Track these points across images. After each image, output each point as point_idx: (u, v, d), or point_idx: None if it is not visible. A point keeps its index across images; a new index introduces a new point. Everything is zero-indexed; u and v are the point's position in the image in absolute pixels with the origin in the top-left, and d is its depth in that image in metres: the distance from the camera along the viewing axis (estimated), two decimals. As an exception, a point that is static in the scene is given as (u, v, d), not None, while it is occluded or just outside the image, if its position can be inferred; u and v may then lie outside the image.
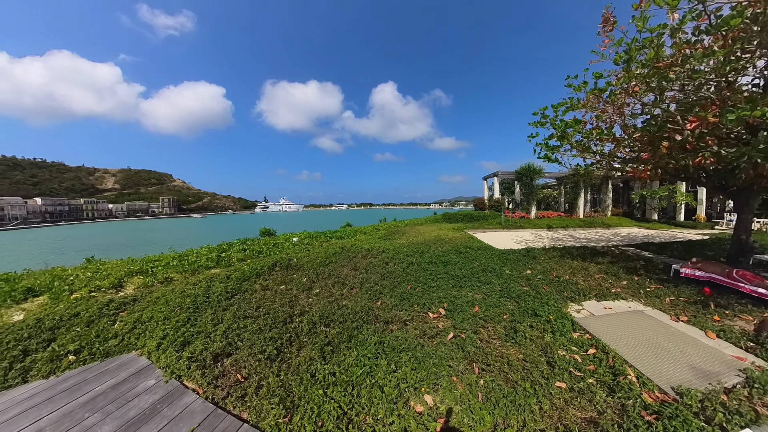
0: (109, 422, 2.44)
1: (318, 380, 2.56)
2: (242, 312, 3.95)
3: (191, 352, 3.11)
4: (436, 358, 2.82)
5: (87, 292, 4.81)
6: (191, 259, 6.66)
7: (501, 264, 6.12)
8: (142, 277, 5.51)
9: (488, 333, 3.36)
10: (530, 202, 18.15)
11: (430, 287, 4.76)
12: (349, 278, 5.19)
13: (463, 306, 4.01)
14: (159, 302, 4.35)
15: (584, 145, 5.82)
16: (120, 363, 3.30)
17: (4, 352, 3.35)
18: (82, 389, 2.91)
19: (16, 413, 2.66)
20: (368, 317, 3.74)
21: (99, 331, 3.77)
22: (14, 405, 2.77)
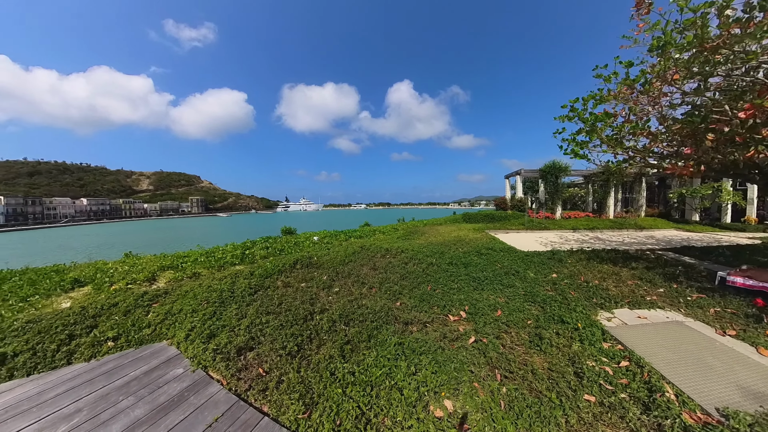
0: (141, 406, 2.60)
1: (337, 379, 2.58)
2: (265, 308, 4.06)
3: (216, 345, 3.24)
4: (457, 362, 2.76)
5: (124, 285, 5.15)
6: (217, 255, 6.94)
7: (525, 267, 5.90)
8: (173, 272, 5.81)
9: (511, 339, 3.24)
10: (555, 201, 17.23)
11: (451, 289, 4.67)
12: (369, 278, 5.20)
13: (484, 309, 3.90)
14: (188, 296, 4.57)
15: (615, 140, 5.42)
16: (152, 351, 3.51)
17: (53, 336, 3.66)
18: (118, 373, 3.12)
19: (60, 392, 2.90)
20: (388, 317, 3.73)
21: (134, 321, 4.03)
22: (59, 384, 3.02)
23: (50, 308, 4.40)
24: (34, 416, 2.58)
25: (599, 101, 5.11)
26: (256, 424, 2.27)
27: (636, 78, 4.65)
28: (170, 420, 2.40)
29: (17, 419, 2.55)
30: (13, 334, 3.67)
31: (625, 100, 5.17)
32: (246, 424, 2.28)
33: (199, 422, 2.34)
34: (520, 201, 19.22)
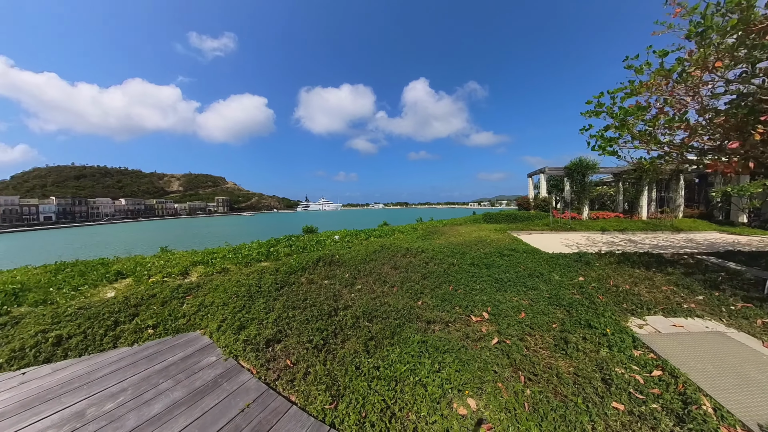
0: (179, 389, 2.79)
1: (362, 372, 2.65)
2: (291, 303, 4.23)
3: (246, 336, 3.42)
4: (481, 362, 2.76)
5: (161, 278, 5.51)
6: (244, 252, 7.26)
7: (549, 269, 5.74)
8: (204, 267, 6.14)
9: (535, 341, 3.19)
10: (582, 201, 16.24)
11: (473, 290, 4.64)
12: (390, 276, 5.27)
13: (507, 311, 3.85)
14: (218, 289, 4.83)
15: (649, 135, 5.06)
16: (187, 339, 3.75)
17: (101, 321, 4.00)
18: (158, 358, 3.37)
19: (108, 372, 3.18)
20: (410, 316, 3.77)
21: (171, 311, 4.31)
22: (106, 365, 3.31)
23: (97, 297, 4.80)
24: (85, 393, 2.84)
25: (630, 94, 4.80)
26: (285, 412, 2.39)
27: (672, 68, 4.33)
28: (206, 403, 2.57)
29: (71, 394, 2.83)
30: (67, 319, 4.05)
31: (660, 91, 4.81)
32: (276, 411, 2.40)
33: (233, 407, 2.49)
34: (544, 200, 18.35)
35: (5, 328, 3.90)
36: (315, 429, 2.20)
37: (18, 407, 2.69)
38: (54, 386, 2.98)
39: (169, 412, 2.50)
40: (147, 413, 2.49)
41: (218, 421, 2.34)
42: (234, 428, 2.26)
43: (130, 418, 2.46)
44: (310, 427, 2.22)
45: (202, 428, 2.29)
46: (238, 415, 2.39)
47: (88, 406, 2.64)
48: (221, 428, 2.28)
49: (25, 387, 3.00)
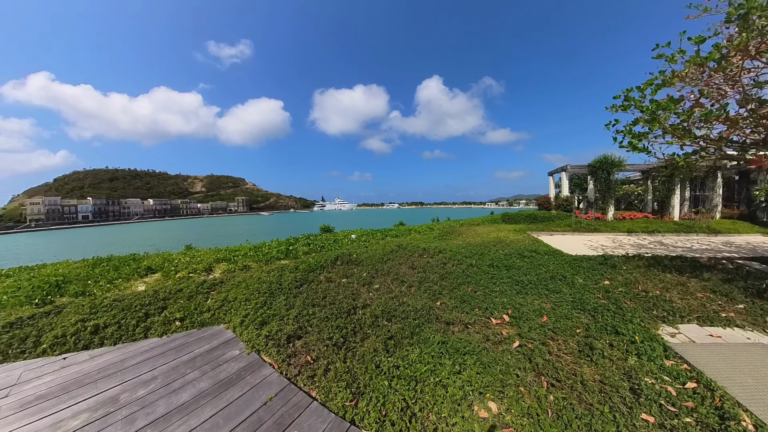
0: (205, 380, 2.90)
1: (382, 371, 2.66)
2: (310, 300, 4.30)
3: (268, 331, 3.51)
4: (502, 365, 2.70)
5: (187, 273, 5.76)
6: (264, 250, 7.46)
7: (572, 272, 5.54)
8: (227, 264, 6.36)
9: (558, 346, 3.09)
10: (607, 200, 15.33)
11: (492, 291, 4.55)
12: (407, 276, 5.26)
13: (529, 314, 3.75)
14: (241, 286, 4.99)
15: (683, 129, 4.70)
16: (212, 333, 3.90)
17: (133, 313, 4.23)
18: (185, 349, 3.51)
19: (139, 360, 3.35)
20: (429, 316, 3.75)
21: (196, 305, 4.50)
22: (138, 354, 3.49)
23: (130, 290, 5.08)
24: (119, 379, 3.01)
25: (661, 85, 4.47)
26: (306, 407, 2.43)
27: (710, 55, 3.94)
28: (230, 395, 2.66)
29: (106, 380, 3.01)
30: (103, 309, 4.31)
31: (695, 81, 4.46)
32: (297, 406, 2.45)
33: (255, 399, 2.56)
34: (566, 200, 17.60)
35: (49, 316, 4.20)
36: (336, 425, 2.23)
37: (59, 390, 2.89)
38: (91, 371, 3.18)
39: (196, 401, 2.60)
40: (176, 401, 2.61)
41: (242, 413, 2.42)
42: (257, 420, 2.33)
43: (160, 405, 2.58)
44: (331, 423, 2.25)
45: (227, 418, 2.37)
46: (260, 408, 2.46)
47: (121, 392, 2.80)
48: (245, 419, 2.35)
49: (65, 371, 3.22)
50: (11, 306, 4.52)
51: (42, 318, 4.14)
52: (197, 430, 2.28)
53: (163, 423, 2.37)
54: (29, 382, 3.07)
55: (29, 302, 4.59)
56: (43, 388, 2.94)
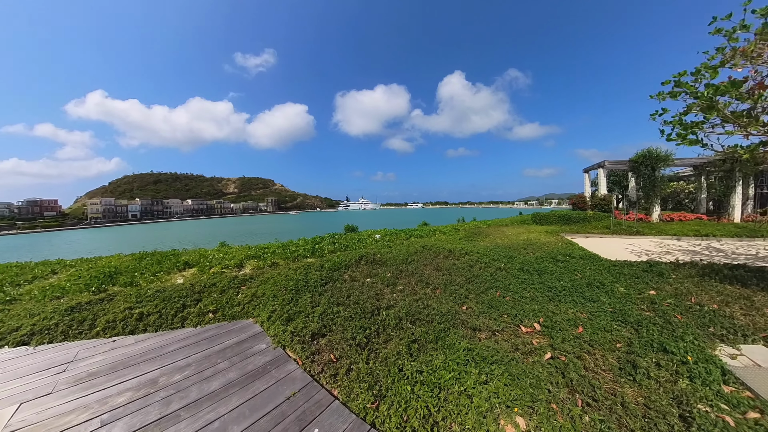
0: (234, 370, 3.02)
1: (405, 375, 2.61)
2: (335, 299, 4.35)
3: (294, 328, 3.59)
4: (533, 377, 2.54)
5: (220, 269, 6.08)
6: (291, 248, 7.69)
7: (612, 279, 5.12)
8: (256, 261, 6.62)
9: (595, 361, 2.84)
10: (652, 199, 13.80)
11: (522, 297, 4.32)
12: (432, 278, 5.15)
13: (562, 324, 3.51)
14: (269, 282, 5.17)
15: (748, 116, 4.04)
16: (241, 326, 4.07)
17: (173, 303, 4.53)
18: (217, 340, 3.70)
19: (176, 348, 3.58)
20: (455, 321, 3.64)
21: (228, 299, 4.72)
22: (175, 341, 3.73)
23: (170, 282, 5.45)
24: (158, 363, 3.24)
25: (720, 65, 3.90)
26: (328, 405, 2.45)
27: None
28: (256, 387, 2.75)
29: (148, 363, 3.26)
30: (147, 299, 4.67)
31: (762, 59, 3.82)
32: (319, 404, 2.47)
33: (279, 393, 2.63)
34: (604, 199, 16.11)
35: (103, 302, 4.62)
36: (356, 426, 2.22)
37: (108, 369, 3.19)
38: (135, 354, 3.47)
39: (225, 390, 2.73)
40: (207, 388, 2.76)
41: (266, 405, 2.49)
42: (280, 414, 2.38)
43: (193, 391, 2.74)
44: (352, 423, 2.25)
45: (253, 409, 2.45)
46: (284, 402, 2.51)
47: (160, 375, 3.02)
48: (269, 412, 2.41)
49: (114, 352, 3.54)
50: (73, 292, 5.05)
51: (97, 304, 4.57)
52: (225, 417, 2.39)
53: (195, 408, 2.52)
54: (84, 360, 3.42)
55: (87, 289, 5.09)
56: (95, 366, 3.26)
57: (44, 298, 4.88)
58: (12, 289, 5.39)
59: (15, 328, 4.05)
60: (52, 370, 3.25)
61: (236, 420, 2.35)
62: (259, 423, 2.31)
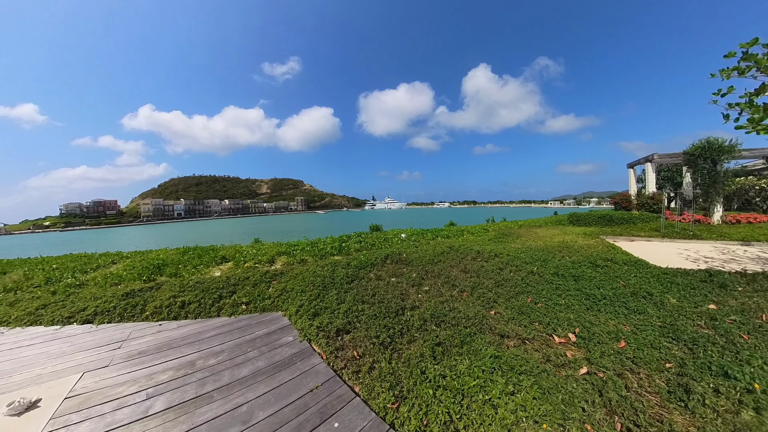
0: (262, 359, 3.18)
1: (428, 378, 2.56)
2: (360, 297, 4.40)
3: (320, 323, 3.68)
4: (566, 393, 2.36)
5: (253, 264, 6.42)
6: (319, 246, 7.91)
7: (662, 289, 4.62)
8: (286, 257, 6.90)
9: (639, 381, 2.57)
10: (712, 197, 11.80)
11: (556, 305, 4.05)
12: (459, 280, 5.01)
13: (601, 336, 3.22)
14: (298, 278, 5.36)
15: None
16: (271, 318, 4.26)
17: (210, 294, 4.87)
18: (248, 330, 3.91)
19: (212, 334, 3.85)
20: (482, 326, 3.50)
21: (259, 292, 4.97)
22: (212, 329, 4.01)
23: (208, 275, 5.86)
24: (196, 347, 3.52)
25: None
26: (349, 401, 2.48)
27: None
28: (282, 376, 2.87)
29: (187, 346, 3.56)
30: (189, 289, 5.06)
31: None
32: (340, 399, 2.51)
33: (303, 385, 2.71)
34: (653, 198, 14.37)
35: (152, 290, 5.10)
36: (375, 425, 2.22)
37: (154, 349, 3.53)
38: (177, 338, 3.80)
39: (254, 377, 2.88)
40: (237, 374, 2.94)
41: (291, 395, 2.59)
42: (303, 405, 2.46)
43: (225, 375, 2.94)
44: (371, 422, 2.25)
45: (278, 398, 2.56)
46: (307, 394, 2.59)
47: (197, 358, 3.27)
48: (292, 402, 2.51)
49: (160, 335, 3.91)
50: (128, 280, 5.63)
51: (147, 291, 5.06)
52: (252, 402, 2.53)
53: (227, 391, 2.70)
54: (135, 340, 3.83)
55: (139, 278, 5.65)
56: (144, 346, 3.64)
57: (105, 284, 5.51)
58: (81, 276, 6.15)
59: (82, 308, 4.63)
60: (110, 346, 3.69)
61: (262, 406, 2.47)
62: (283, 411, 2.41)
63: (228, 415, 2.40)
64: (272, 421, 2.31)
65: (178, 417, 2.40)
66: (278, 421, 2.31)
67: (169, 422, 2.35)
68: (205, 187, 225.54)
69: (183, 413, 2.44)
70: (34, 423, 2.39)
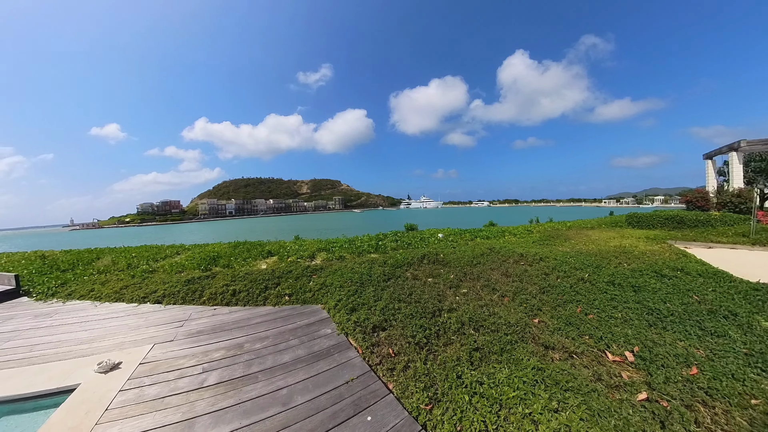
0: (302, 348, 3.37)
1: (463, 383, 2.49)
2: (396, 295, 4.42)
3: (357, 318, 3.78)
4: (619, 419, 2.11)
5: (295, 259, 6.79)
6: (356, 244, 8.10)
7: (750, 307, 3.90)
8: (326, 254, 7.18)
9: (714, 417, 2.18)
10: None
11: (611, 317, 3.65)
12: (500, 284, 4.77)
13: (666, 358, 2.82)
14: (336, 274, 5.55)
15: None
16: (311, 310, 4.48)
17: (257, 285, 5.27)
18: (291, 320, 4.18)
19: (259, 321, 4.19)
20: (524, 334, 3.30)
21: (301, 285, 5.25)
22: (258, 316, 4.36)
23: (256, 267, 6.34)
24: (245, 332, 3.85)
25: None
26: (382, 397, 2.51)
27: None
28: (320, 366, 3.01)
29: (237, 330, 3.92)
30: (239, 279, 5.52)
31: None
32: (374, 394, 2.56)
33: (340, 377, 2.81)
34: (739, 195, 11.91)
35: (209, 278, 5.67)
36: (408, 424, 2.21)
37: (209, 330, 3.95)
38: (228, 322, 4.21)
39: (294, 364, 3.08)
40: (279, 360, 3.17)
41: (327, 384, 2.71)
42: (338, 395, 2.55)
43: (268, 359, 3.19)
44: (404, 420, 2.25)
45: (315, 386, 2.70)
46: (343, 385, 2.68)
47: (245, 341, 3.60)
48: (329, 391, 2.62)
49: (214, 318, 4.36)
50: (189, 269, 6.34)
51: (204, 279, 5.63)
52: (292, 387, 2.70)
53: (269, 373, 2.93)
54: (194, 320, 4.33)
55: (198, 268, 6.33)
56: (201, 326, 4.10)
57: (172, 272, 6.28)
58: (153, 263, 7.08)
59: (154, 290, 5.35)
60: (175, 324, 4.23)
61: (301, 392, 2.63)
62: (320, 399, 2.52)
63: (270, 396, 2.59)
64: (309, 406, 2.44)
65: (228, 392, 2.66)
66: (314, 407, 2.43)
67: (219, 395, 2.62)
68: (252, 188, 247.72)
69: (231, 389, 2.70)
70: (116, 381, 2.89)
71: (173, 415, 2.41)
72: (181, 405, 2.52)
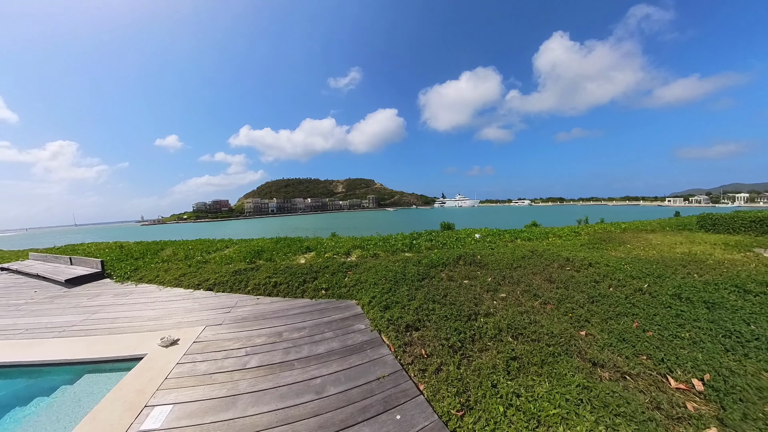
0: (336, 341, 3.48)
1: (498, 394, 2.37)
2: (431, 296, 4.35)
3: (390, 316, 3.80)
4: (683, 455, 1.84)
5: (332, 255, 7.03)
6: (391, 242, 8.14)
7: None
8: (360, 251, 7.33)
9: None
10: None
11: (676, 337, 3.19)
12: (543, 290, 4.45)
13: (746, 391, 2.38)
14: (371, 271, 5.63)
15: None
16: (346, 305, 4.61)
17: (296, 278, 5.55)
18: (326, 313, 4.34)
19: (296, 312, 4.42)
20: (569, 347, 3.03)
21: (337, 281, 5.42)
22: (297, 308, 4.61)
23: (295, 262, 6.67)
24: (284, 321, 4.09)
25: None
26: (412, 397, 2.48)
27: None
28: (352, 360, 3.08)
29: (277, 319, 4.18)
30: (280, 272, 5.86)
31: None
32: (405, 394, 2.54)
33: (371, 372, 2.85)
34: None
35: (253, 271, 6.12)
36: (437, 429, 2.16)
37: (252, 318, 4.28)
38: (269, 311, 4.50)
39: (328, 355, 3.19)
40: (315, 350, 3.31)
41: (359, 378, 2.76)
42: (368, 391, 2.59)
43: (304, 348, 3.36)
44: (433, 424, 2.20)
45: (347, 378, 2.77)
46: (374, 381, 2.71)
47: (284, 330, 3.83)
48: (360, 385, 2.66)
49: (257, 307, 4.70)
50: (236, 261, 6.93)
51: (249, 271, 6.09)
52: (325, 378, 2.80)
53: (305, 362, 3.08)
54: (240, 307, 4.72)
55: (244, 260, 6.89)
56: (246, 313, 4.46)
57: (221, 263, 6.94)
58: (206, 255, 7.91)
59: (206, 279, 5.92)
60: (223, 309, 4.66)
61: (333, 383, 2.71)
62: (351, 392, 2.58)
63: (305, 383, 2.73)
64: (341, 398, 2.51)
65: (267, 375, 2.86)
66: (346, 399, 2.50)
67: (260, 377, 2.83)
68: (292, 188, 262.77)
69: (270, 373, 2.89)
70: (174, 354, 3.32)
71: (219, 390, 2.66)
72: (226, 382, 2.77)
